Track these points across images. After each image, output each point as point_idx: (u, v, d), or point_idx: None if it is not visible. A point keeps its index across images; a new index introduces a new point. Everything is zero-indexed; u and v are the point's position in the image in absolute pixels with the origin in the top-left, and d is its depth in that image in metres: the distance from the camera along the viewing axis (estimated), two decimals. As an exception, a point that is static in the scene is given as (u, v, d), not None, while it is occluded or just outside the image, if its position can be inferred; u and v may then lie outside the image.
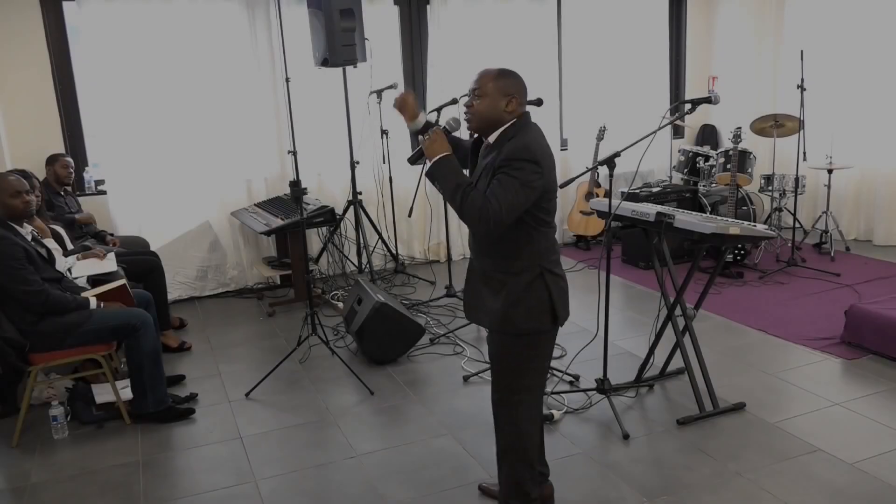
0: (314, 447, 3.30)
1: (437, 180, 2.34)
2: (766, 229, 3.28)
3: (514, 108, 2.33)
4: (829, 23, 6.29)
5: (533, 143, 2.27)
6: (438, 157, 2.32)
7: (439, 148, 2.33)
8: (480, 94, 2.34)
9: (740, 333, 4.43)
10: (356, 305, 4.31)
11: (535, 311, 2.36)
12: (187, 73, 5.32)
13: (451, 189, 2.28)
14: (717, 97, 3.14)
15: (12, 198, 3.43)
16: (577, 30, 6.50)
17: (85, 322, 3.42)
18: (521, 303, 2.35)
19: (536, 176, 2.23)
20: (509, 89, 2.32)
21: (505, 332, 2.39)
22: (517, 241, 2.33)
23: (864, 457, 2.99)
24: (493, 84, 2.32)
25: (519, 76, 2.38)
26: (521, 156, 2.22)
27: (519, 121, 2.34)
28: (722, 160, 5.88)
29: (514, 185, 2.20)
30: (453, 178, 2.29)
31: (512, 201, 2.20)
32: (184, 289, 5.58)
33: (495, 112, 2.33)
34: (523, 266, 2.35)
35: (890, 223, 6.14)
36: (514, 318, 2.36)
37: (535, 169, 2.22)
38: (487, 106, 2.33)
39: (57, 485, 3.08)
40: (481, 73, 2.36)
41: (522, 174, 2.21)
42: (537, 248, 2.35)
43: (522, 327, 2.37)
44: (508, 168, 2.22)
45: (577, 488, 2.88)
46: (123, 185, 5.30)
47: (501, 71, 2.35)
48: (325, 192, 5.92)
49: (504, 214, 2.19)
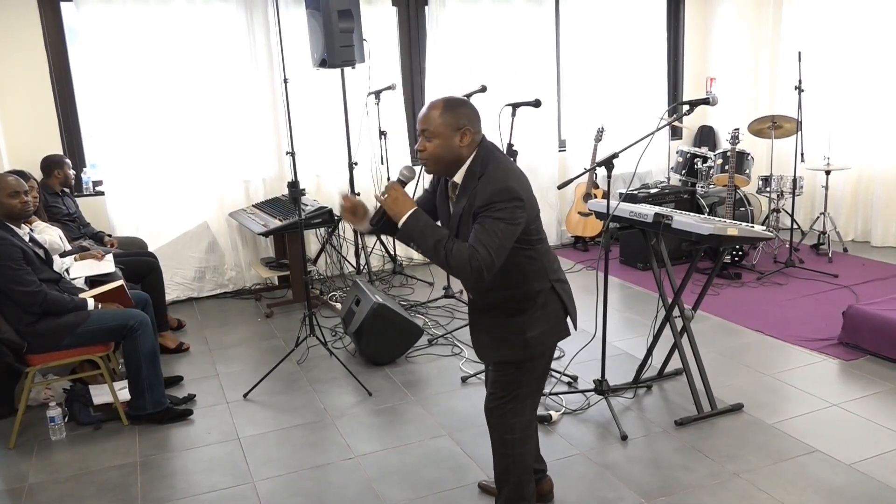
0: (312, 448, 3.30)
1: (413, 241, 2.17)
2: (763, 230, 3.29)
3: (471, 141, 2.19)
4: (826, 24, 6.30)
5: (509, 178, 2.13)
6: (406, 216, 2.15)
7: (402, 206, 2.16)
8: (430, 135, 2.18)
9: (738, 334, 4.43)
10: (354, 306, 4.31)
11: (553, 326, 2.34)
12: (185, 74, 5.31)
13: (431, 247, 2.13)
14: (714, 98, 3.15)
15: (10, 198, 3.42)
16: (575, 31, 6.51)
17: (83, 323, 3.42)
18: (540, 323, 2.30)
19: (520, 211, 2.12)
20: (459, 122, 2.16)
21: (534, 357, 2.32)
22: (521, 266, 2.25)
23: (862, 457, 2.99)
24: (440, 121, 2.16)
25: (467, 103, 2.22)
26: (503, 197, 2.09)
27: (479, 152, 2.20)
28: (720, 161, 5.89)
29: (499, 226, 2.08)
30: (430, 234, 2.14)
31: (500, 245, 2.08)
32: (182, 290, 5.57)
33: (451, 151, 2.18)
34: (536, 288, 2.28)
35: (887, 224, 6.15)
36: (540, 340, 2.31)
37: (518, 205, 2.11)
38: (440, 146, 2.18)
39: (54, 486, 3.08)
40: (425, 112, 2.20)
41: (506, 213, 2.09)
42: (542, 266, 2.29)
43: (548, 346, 2.35)
44: (490, 211, 2.09)
45: (576, 489, 2.88)
46: (121, 186, 5.30)
47: (446, 104, 2.19)
48: (324, 192, 5.92)
49: (495, 259, 2.08)
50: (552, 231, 6.71)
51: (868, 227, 6.34)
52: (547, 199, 6.58)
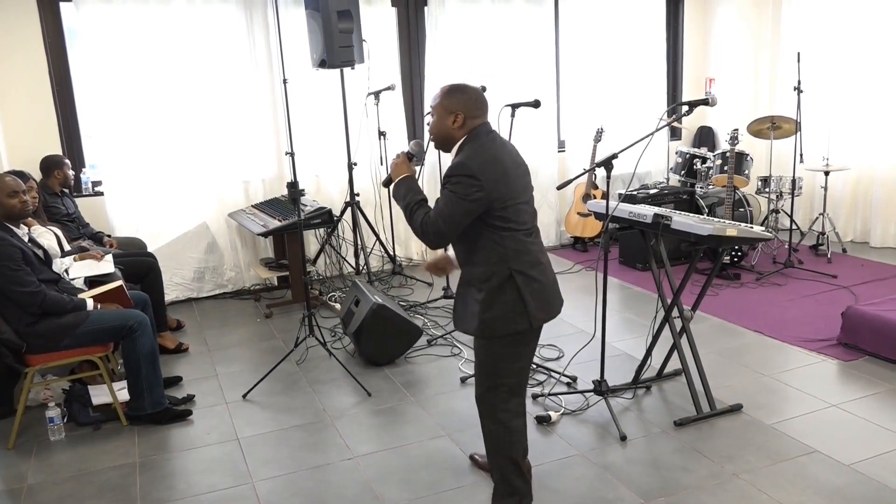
0: (311, 448, 3.30)
1: (396, 199, 2.55)
2: (762, 231, 3.29)
3: (461, 124, 2.44)
4: (826, 25, 6.30)
5: (471, 157, 2.37)
6: (398, 179, 2.54)
7: (399, 170, 2.55)
8: (433, 111, 2.50)
9: (737, 335, 4.43)
10: (353, 307, 4.31)
11: (509, 314, 2.44)
12: (185, 75, 5.31)
13: (404, 207, 2.49)
14: (714, 99, 3.15)
15: (9, 198, 3.42)
16: (574, 31, 6.51)
17: (82, 323, 3.41)
18: (495, 307, 2.43)
19: (474, 189, 2.32)
20: (453, 107, 2.44)
21: (484, 336, 2.48)
22: (485, 247, 2.43)
23: (861, 458, 2.99)
24: (439, 102, 2.47)
25: (467, 92, 2.47)
26: (456, 171, 2.35)
27: (469, 136, 2.45)
28: (719, 162, 5.89)
29: (452, 198, 2.35)
30: (408, 197, 2.49)
31: (450, 213, 2.34)
32: (181, 290, 5.57)
33: (444, 129, 2.47)
34: (493, 271, 2.43)
35: (886, 225, 6.16)
36: (491, 323, 2.44)
37: (472, 182, 2.32)
38: (437, 124, 2.49)
39: (53, 486, 3.07)
40: (435, 92, 2.51)
41: (459, 188, 2.33)
42: (504, 252, 2.42)
43: (499, 331, 2.45)
44: (448, 183, 2.38)
45: (575, 489, 2.88)
46: (120, 187, 5.30)
47: (449, 89, 2.48)
48: (323, 193, 5.92)
49: (442, 226, 2.35)
50: (551, 231, 6.71)
51: (867, 227, 6.34)
52: (546, 199, 6.58)
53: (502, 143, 2.49)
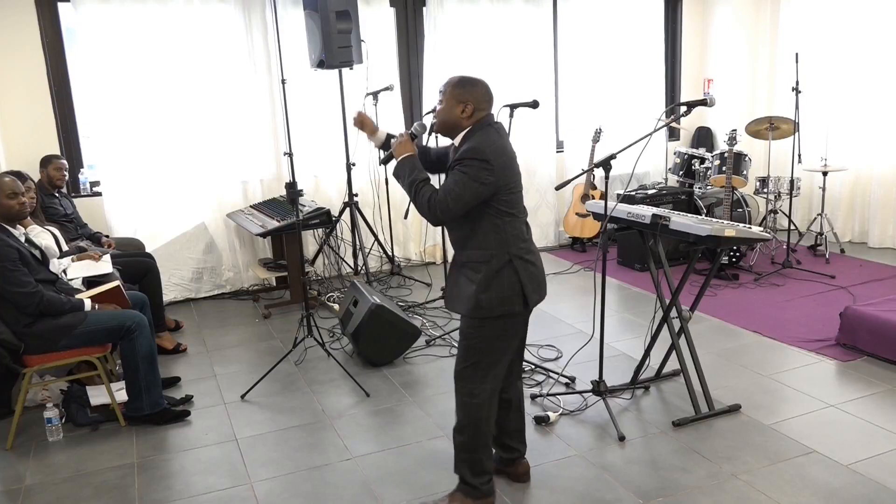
0: (310, 449, 3.30)
1: (399, 177, 2.60)
2: (761, 231, 3.30)
3: (470, 114, 2.54)
4: (824, 26, 6.31)
5: (484, 144, 2.47)
6: (402, 157, 2.60)
7: (403, 149, 2.62)
8: (443, 98, 2.58)
9: (736, 335, 4.44)
10: (352, 307, 4.31)
11: (506, 295, 2.54)
12: (183, 75, 5.31)
13: (408, 183, 2.56)
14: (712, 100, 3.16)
15: (8, 199, 3.41)
16: (573, 32, 6.51)
17: (80, 324, 3.41)
18: (493, 288, 2.52)
19: (486, 173, 2.43)
20: (464, 97, 2.54)
21: (478, 316, 2.55)
22: (485, 231, 2.53)
23: (860, 458, 3.00)
24: (450, 91, 2.56)
25: (479, 85, 2.57)
26: (470, 155, 2.45)
27: (476, 125, 2.55)
28: (717, 162, 5.90)
29: (463, 179, 2.44)
30: (413, 174, 2.56)
31: (459, 193, 2.44)
32: (179, 290, 5.57)
33: (452, 117, 2.56)
34: (493, 254, 2.53)
35: (884, 225, 6.16)
36: (487, 303, 2.53)
37: (485, 166, 2.43)
38: (445, 111, 2.58)
39: (51, 487, 3.07)
40: (448, 80, 2.59)
41: (471, 171, 2.43)
42: (505, 237, 2.53)
43: (496, 311, 2.54)
44: (460, 165, 2.46)
45: (573, 490, 2.88)
46: (119, 187, 5.29)
47: (461, 80, 2.57)
48: (321, 193, 5.92)
49: (451, 204, 2.44)
50: (550, 232, 6.71)
51: (865, 228, 6.35)
52: (545, 199, 6.58)
53: (505, 134, 2.62)
